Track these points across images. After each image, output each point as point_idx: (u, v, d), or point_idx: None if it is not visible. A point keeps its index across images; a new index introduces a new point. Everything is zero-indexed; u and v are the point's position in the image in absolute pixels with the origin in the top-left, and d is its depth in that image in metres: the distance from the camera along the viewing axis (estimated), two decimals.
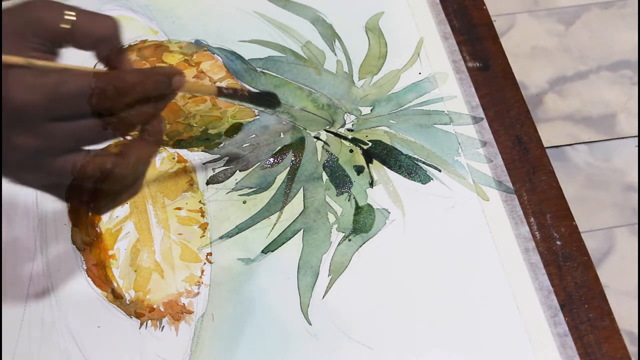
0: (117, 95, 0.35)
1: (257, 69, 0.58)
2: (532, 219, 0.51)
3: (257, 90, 0.50)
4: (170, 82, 0.38)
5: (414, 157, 0.54)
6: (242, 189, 0.52)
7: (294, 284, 0.48)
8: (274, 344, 0.46)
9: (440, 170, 0.53)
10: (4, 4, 0.36)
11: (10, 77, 0.33)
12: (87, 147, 0.37)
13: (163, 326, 0.47)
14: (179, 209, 0.52)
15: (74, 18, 0.35)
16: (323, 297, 0.48)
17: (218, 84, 0.46)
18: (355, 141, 0.55)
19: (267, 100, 0.52)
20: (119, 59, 0.37)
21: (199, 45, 0.60)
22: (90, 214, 0.52)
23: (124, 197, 0.40)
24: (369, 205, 0.51)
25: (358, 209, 0.51)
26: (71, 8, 0.35)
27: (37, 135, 0.34)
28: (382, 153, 0.54)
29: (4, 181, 0.39)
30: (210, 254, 0.50)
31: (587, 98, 1.33)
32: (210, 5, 0.62)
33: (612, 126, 1.30)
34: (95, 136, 0.36)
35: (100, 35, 0.36)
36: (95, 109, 0.35)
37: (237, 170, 0.53)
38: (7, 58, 0.33)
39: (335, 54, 0.59)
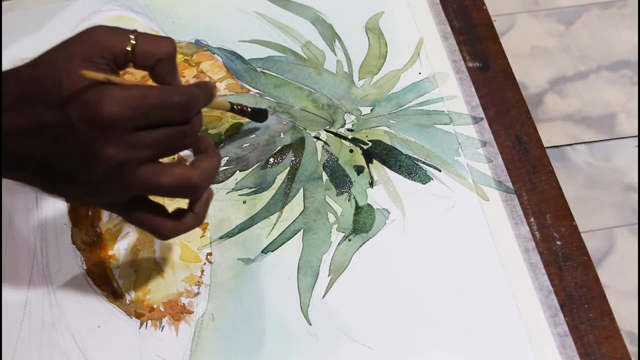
0: (190, 106, 0.38)
1: (257, 69, 0.58)
2: (532, 219, 0.51)
3: (255, 107, 0.53)
4: (212, 93, 0.42)
5: (414, 157, 0.54)
6: (242, 189, 0.53)
7: (294, 284, 0.48)
8: (274, 344, 0.46)
9: (440, 170, 0.53)
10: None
11: (97, 93, 0.36)
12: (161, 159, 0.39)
13: (163, 326, 0.47)
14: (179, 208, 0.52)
15: (135, 42, 0.38)
16: (323, 297, 0.48)
17: (230, 100, 0.49)
18: (355, 141, 0.55)
19: (261, 114, 0.54)
20: (173, 77, 0.40)
21: (199, 45, 0.60)
22: (90, 213, 0.52)
23: (192, 221, 0.42)
24: (369, 205, 0.51)
25: (358, 209, 0.51)
26: (132, 32, 0.38)
27: (125, 145, 0.36)
28: (382, 153, 0.54)
29: (7, 181, 0.40)
30: (210, 254, 0.50)
31: (587, 98, 1.33)
32: (210, 5, 0.62)
33: (612, 126, 1.30)
34: (175, 144, 0.39)
35: (160, 56, 0.39)
36: (174, 118, 0.38)
37: (237, 170, 0.53)
38: (89, 73, 0.35)
39: (335, 54, 0.59)
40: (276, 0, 0.62)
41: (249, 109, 0.51)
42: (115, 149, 0.36)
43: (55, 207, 0.52)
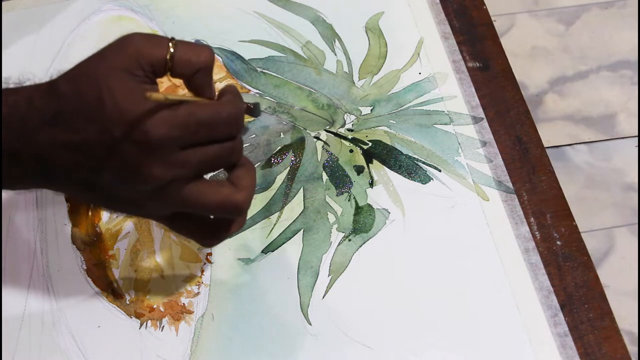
0: (237, 121, 0.38)
1: (257, 69, 0.58)
2: (532, 219, 0.51)
3: (248, 102, 0.52)
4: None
5: (414, 157, 0.54)
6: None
7: (294, 284, 0.48)
8: (274, 344, 0.46)
9: (440, 170, 0.53)
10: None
11: (144, 114, 0.35)
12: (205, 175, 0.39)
13: (163, 326, 0.47)
14: None
15: (174, 50, 0.37)
16: (323, 297, 0.48)
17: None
18: (355, 141, 0.55)
19: (256, 110, 0.53)
20: (210, 87, 0.39)
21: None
22: (90, 213, 0.52)
23: (234, 228, 0.42)
24: (369, 205, 0.51)
25: (358, 209, 0.51)
26: (170, 39, 0.37)
27: (172, 165, 0.36)
28: (382, 153, 0.54)
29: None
30: (210, 254, 0.50)
31: (587, 98, 1.33)
32: (210, 5, 0.62)
33: (612, 126, 1.30)
34: (221, 161, 0.39)
35: (200, 65, 0.38)
36: (221, 135, 0.38)
37: None
38: (153, 95, 0.35)
39: (335, 54, 0.59)
40: (276, 0, 0.62)
41: (252, 106, 0.50)
42: (161, 169, 0.36)
43: (55, 207, 0.52)
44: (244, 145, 0.54)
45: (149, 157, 0.35)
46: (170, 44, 0.37)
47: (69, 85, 0.36)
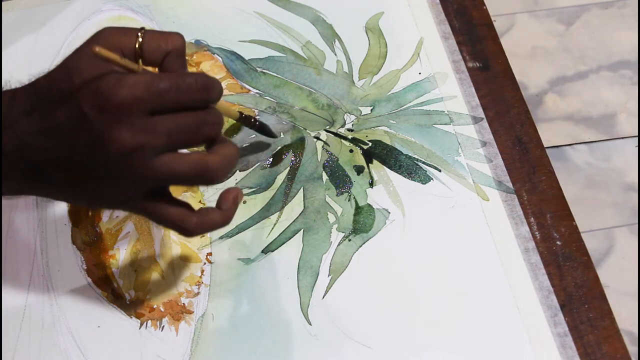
0: (206, 88, 0.38)
1: (257, 69, 0.58)
2: (532, 219, 0.51)
3: (265, 123, 0.52)
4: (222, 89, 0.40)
5: (414, 157, 0.54)
6: (242, 189, 0.52)
7: (294, 284, 0.48)
8: (274, 344, 0.46)
9: (440, 170, 0.53)
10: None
11: (107, 79, 0.36)
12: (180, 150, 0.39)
13: (163, 326, 0.47)
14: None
15: (142, 39, 0.38)
16: (323, 297, 0.48)
17: (231, 100, 0.48)
18: (355, 141, 0.55)
19: (269, 133, 0.53)
20: (183, 70, 0.40)
21: (199, 45, 0.60)
22: (90, 213, 0.52)
23: (217, 217, 0.41)
24: (369, 205, 0.51)
25: (358, 209, 0.51)
26: (139, 29, 0.39)
27: (139, 130, 0.36)
28: (382, 153, 0.54)
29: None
30: (210, 254, 0.50)
31: (587, 98, 1.33)
32: (210, 5, 0.62)
33: (612, 126, 1.30)
34: (193, 131, 0.38)
35: (169, 49, 0.39)
36: (190, 102, 0.38)
37: (237, 170, 0.53)
38: (102, 50, 0.36)
39: (335, 54, 0.59)
40: (276, 0, 0.62)
41: (257, 123, 0.50)
42: (128, 133, 0.35)
43: (55, 207, 0.52)
44: (244, 146, 0.54)
45: (115, 122, 0.35)
46: (140, 34, 0.38)
47: (45, 78, 0.38)
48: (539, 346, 0.46)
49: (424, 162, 0.53)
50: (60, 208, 0.52)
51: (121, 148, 0.36)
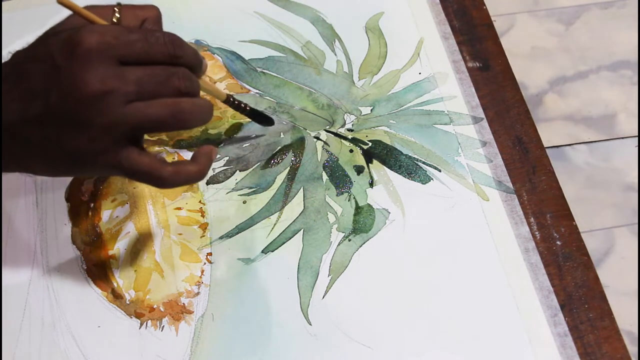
0: (174, 42, 0.39)
1: (257, 69, 0.58)
2: (532, 219, 0.51)
3: (257, 109, 0.52)
4: (202, 59, 0.42)
5: (414, 157, 0.54)
6: (242, 189, 0.52)
7: (294, 284, 0.48)
8: (274, 344, 0.46)
9: (440, 170, 0.53)
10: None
11: (77, 29, 0.37)
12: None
13: (163, 326, 0.47)
14: (179, 209, 0.52)
15: (118, 13, 0.41)
16: (323, 297, 0.48)
17: (227, 91, 0.49)
18: (355, 141, 0.55)
19: (263, 118, 0.53)
20: None
21: (199, 45, 0.60)
22: (90, 213, 0.52)
23: (192, 168, 0.41)
24: (369, 205, 0.51)
25: (358, 209, 0.51)
26: (115, 5, 0.41)
27: (109, 76, 0.36)
28: (382, 153, 0.54)
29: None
30: (210, 254, 0.50)
31: (587, 98, 1.33)
32: (210, 5, 0.62)
33: (612, 126, 1.30)
34: (162, 82, 0.38)
35: (145, 16, 0.41)
36: (159, 56, 0.39)
37: (237, 170, 0.53)
38: (67, 1, 0.39)
39: (335, 54, 0.59)
40: (276, 0, 0.62)
41: (248, 107, 0.51)
42: (97, 78, 0.36)
43: (55, 207, 0.52)
44: (244, 146, 0.54)
45: (84, 66, 0.36)
46: (116, 8, 0.41)
47: (23, 48, 0.40)
48: (539, 346, 0.46)
49: (424, 162, 0.53)
50: (60, 208, 0.52)
51: (91, 92, 0.36)
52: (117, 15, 0.41)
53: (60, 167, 0.40)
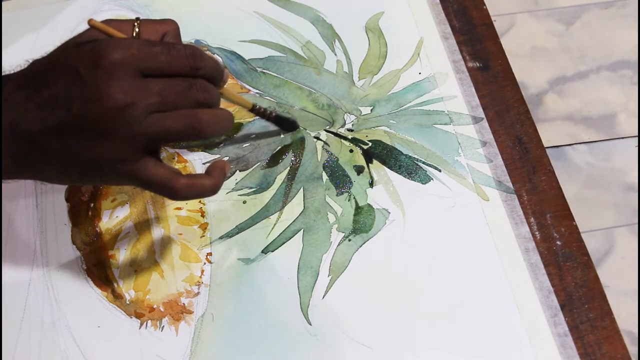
0: (195, 55, 0.40)
1: (257, 69, 0.58)
2: (532, 219, 0.51)
3: (283, 115, 0.52)
4: (222, 70, 0.43)
5: (414, 157, 0.54)
6: (242, 189, 0.53)
7: (294, 284, 0.48)
8: (274, 344, 0.46)
9: (440, 170, 0.53)
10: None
11: (101, 41, 0.38)
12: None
13: (163, 326, 0.47)
14: (179, 209, 0.52)
15: (138, 28, 0.42)
16: (323, 297, 0.48)
17: (252, 100, 0.49)
18: (355, 141, 0.55)
19: (289, 124, 0.54)
20: None
21: (199, 45, 0.60)
22: (90, 213, 0.52)
23: (206, 181, 0.42)
24: (369, 205, 0.51)
25: (358, 209, 0.51)
26: (135, 19, 0.42)
27: (132, 88, 0.37)
28: (382, 153, 0.54)
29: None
30: (210, 254, 0.50)
31: (587, 98, 1.33)
32: (210, 5, 0.62)
33: (612, 126, 1.30)
34: (183, 93, 0.39)
35: (165, 30, 0.42)
36: (180, 68, 0.39)
37: (237, 170, 0.53)
38: (96, 22, 0.40)
39: (335, 54, 0.59)
40: (276, 0, 0.62)
41: (274, 114, 0.51)
42: (121, 90, 0.37)
43: (55, 207, 0.52)
44: (244, 146, 0.54)
45: (109, 79, 0.37)
46: (136, 23, 0.41)
47: (43, 57, 0.40)
48: (539, 346, 0.46)
49: (424, 162, 0.53)
50: (61, 208, 0.52)
51: (114, 104, 0.37)
52: (137, 29, 0.41)
53: (75, 175, 0.40)
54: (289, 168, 0.53)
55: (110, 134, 0.38)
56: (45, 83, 0.38)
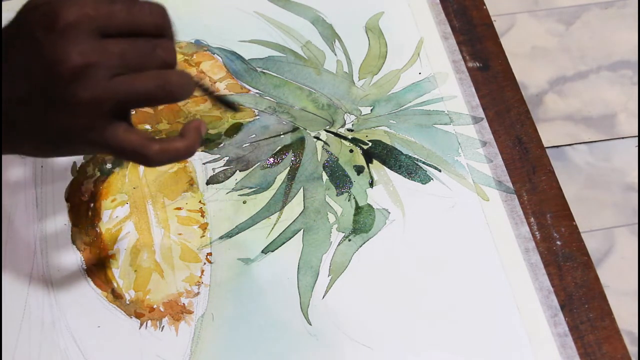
0: (154, 10, 0.38)
1: (257, 69, 0.58)
2: (532, 219, 0.51)
3: (222, 95, 0.50)
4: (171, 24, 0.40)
5: (414, 157, 0.54)
6: (242, 189, 0.53)
7: (294, 284, 0.48)
8: (274, 344, 0.46)
9: (440, 170, 0.53)
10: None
11: (59, 1, 0.35)
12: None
13: (163, 326, 0.47)
14: (179, 209, 0.52)
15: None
16: (323, 297, 0.48)
17: (222, 85, 0.48)
18: (355, 141, 0.55)
19: (228, 105, 0.51)
20: None
21: (199, 45, 0.60)
22: (90, 213, 0.52)
23: (180, 144, 0.39)
24: (369, 205, 0.51)
25: (358, 209, 0.51)
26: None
27: (91, 49, 0.35)
28: (382, 153, 0.54)
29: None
30: (210, 254, 0.50)
31: (587, 98, 1.33)
32: (210, 5, 0.62)
33: (612, 126, 1.30)
34: (145, 54, 0.37)
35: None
36: (142, 27, 0.37)
37: (237, 170, 0.53)
38: None
39: (335, 54, 0.59)
40: (276, 0, 0.62)
41: (214, 94, 0.47)
42: (77, 52, 0.35)
43: (55, 207, 0.52)
44: (244, 146, 0.54)
45: (64, 41, 0.35)
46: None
47: (5, 30, 0.38)
48: (539, 346, 0.46)
49: (424, 162, 0.53)
50: (61, 208, 0.52)
51: (72, 67, 0.35)
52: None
53: (48, 147, 0.39)
54: (289, 168, 0.53)
55: (72, 99, 0.36)
56: (6, 53, 0.36)
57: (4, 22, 0.39)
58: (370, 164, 0.53)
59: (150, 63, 0.37)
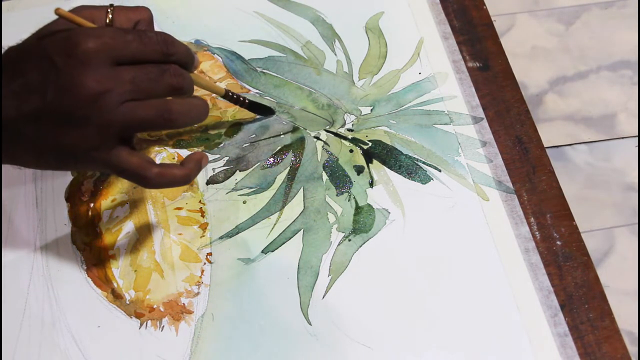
0: (166, 41, 0.41)
1: (257, 69, 0.58)
2: (532, 219, 0.51)
3: (257, 101, 0.53)
4: (194, 56, 0.44)
5: (414, 157, 0.54)
6: (242, 189, 0.53)
7: (294, 284, 0.48)
8: (274, 344, 0.46)
9: (440, 170, 0.53)
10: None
11: (74, 30, 0.38)
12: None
13: (163, 326, 0.47)
14: (179, 209, 0.52)
15: (111, 14, 0.42)
16: (323, 297, 0.48)
17: (222, 85, 0.50)
18: (355, 141, 0.55)
19: (264, 109, 0.54)
20: None
21: (199, 45, 0.60)
22: (90, 213, 0.52)
23: (177, 172, 0.43)
24: (369, 205, 0.51)
25: (358, 209, 0.51)
26: (109, 6, 0.42)
27: (105, 77, 0.38)
28: (382, 153, 0.54)
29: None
30: (210, 254, 0.50)
31: (587, 98, 1.33)
32: (210, 5, 0.62)
33: (612, 126, 1.30)
34: (155, 80, 0.40)
35: (137, 18, 0.42)
36: (152, 54, 0.40)
37: (237, 170, 0.53)
38: (63, 11, 0.40)
39: (335, 54, 0.59)
40: (276, 0, 0.62)
41: (247, 100, 0.52)
42: (94, 78, 0.37)
43: (55, 207, 0.52)
44: (244, 146, 0.54)
45: (82, 67, 0.37)
46: (109, 9, 0.42)
47: (16, 45, 0.41)
48: (539, 346, 0.46)
49: (424, 162, 0.53)
50: (60, 208, 0.52)
51: (88, 92, 0.37)
52: (110, 16, 0.42)
53: (52, 161, 0.41)
54: (289, 168, 0.53)
55: (84, 122, 0.38)
56: (20, 71, 0.38)
57: (4, 22, 0.40)
58: (370, 164, 0.53)
59: (159, 88, 0.40)
